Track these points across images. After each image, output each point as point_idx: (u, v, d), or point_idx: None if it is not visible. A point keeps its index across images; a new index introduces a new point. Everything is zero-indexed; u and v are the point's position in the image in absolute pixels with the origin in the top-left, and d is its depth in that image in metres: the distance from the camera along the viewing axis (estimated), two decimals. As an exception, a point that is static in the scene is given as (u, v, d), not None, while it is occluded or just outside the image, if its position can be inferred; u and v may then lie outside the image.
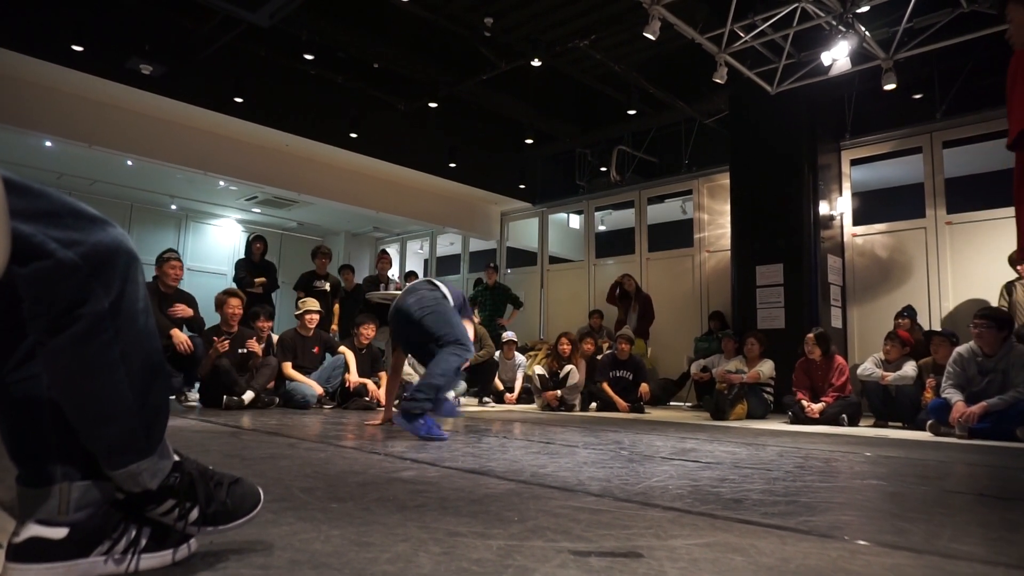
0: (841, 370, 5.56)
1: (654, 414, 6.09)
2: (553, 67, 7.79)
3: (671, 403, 7.87)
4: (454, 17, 6.97)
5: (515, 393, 7.00)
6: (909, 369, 5.22)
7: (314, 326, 5.81)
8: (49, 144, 7.37)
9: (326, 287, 7.33)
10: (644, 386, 6.47)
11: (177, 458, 1.08)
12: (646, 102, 8.42)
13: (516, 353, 7.25)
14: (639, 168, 9.51)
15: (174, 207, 10.18)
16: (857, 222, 7.68)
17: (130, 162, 7.83)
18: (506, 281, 10.38)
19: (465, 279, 11.28)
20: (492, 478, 2.03)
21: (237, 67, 7.34)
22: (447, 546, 1.21)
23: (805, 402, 5.42)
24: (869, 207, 8.31)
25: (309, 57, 7.25)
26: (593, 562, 1.13)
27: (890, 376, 5.26)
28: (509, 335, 7.26)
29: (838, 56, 5.92)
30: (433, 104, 8.56)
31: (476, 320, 7.08)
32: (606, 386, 6.48)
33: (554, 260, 10.74)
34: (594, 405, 6.49)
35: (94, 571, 0.99)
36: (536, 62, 7.24)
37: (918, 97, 7.19)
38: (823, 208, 7.28)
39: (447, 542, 1.24)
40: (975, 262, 6.71)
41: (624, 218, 10.43)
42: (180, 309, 5.06)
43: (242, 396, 4.90)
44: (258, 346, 5.39)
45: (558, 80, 8.62)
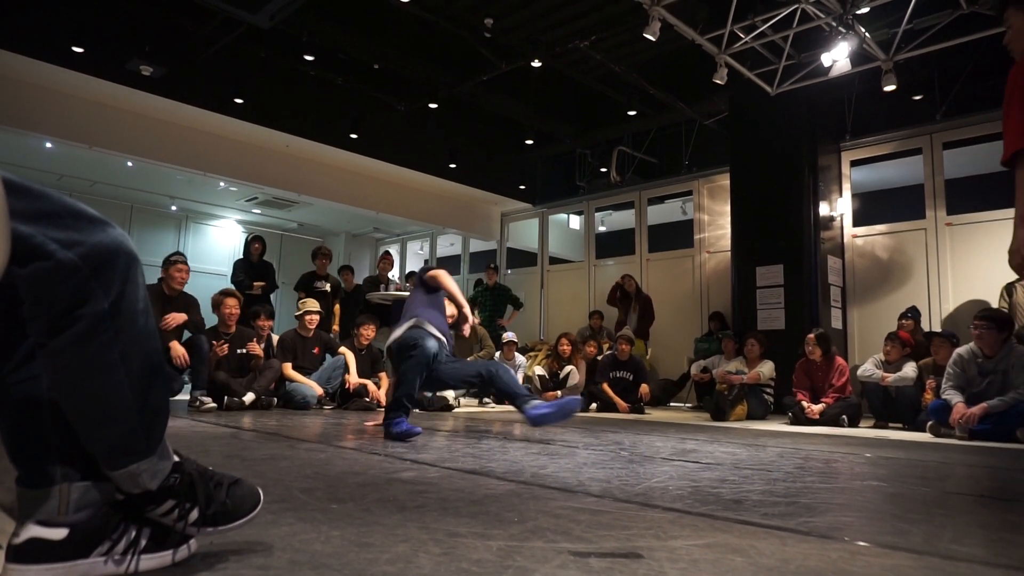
0: (841, 371, 5.55)
1: (654, 415, 6.08)
2: (553, 68, 7.80)
3: (671, 404, 7.86)
4: (454, 18, 6.97)
5: (515, 394, 6.98)
6: (909, 370, 5.21)
7: (314, 327, 5.80)
8: (49, 145, 7.37)
9: (326, 288, 7.32)
10: (644, 387, 6.47)
11: (177, 459, 1.08)
12: (646, 103, 8.43)
13: (516, 354, 7.24)
14: (639, 169, 9.51)
15: (174, 208, 10.19)
16: (857, 223, 7.68)
17: (130, 163, 7.83)
18: (506, 282, 10.38)
19: (465, 280, 11.27)
20: (492, 479, 2.03)
21: (237, 68, 7.34)
22: (447, 547, 1.21)
23: (805, 403, 5.41)
24: (869, 208, 8.31)
25: (309, 58, 7.25)
26: (593, 563, 1.13)
27: (890, 377, 5.26)
28: (509, 336, 7.25)
29: (838, 57, 5.93)
30: (433, 105, 8.57)
31: (476, 320, 7.09)
32: (606, 387, 6.48)
33: (554, 261, 10.74)
34: (594, 406, 6.49)
35: (94, 572, 0.99)
36: (536, 63, 7.25)
37: (918, 98, 7.19)
38: (823, 209, 7.28)
39: (447, 543, 1.24)
40: (975, 263, 6.70)
41: (624, 219, 10.43)
42: (172, 319, 4.85)
43: (243, 398, 4.90)
44: (258, 347, 5.38)
45: (558, 81, 8.62)
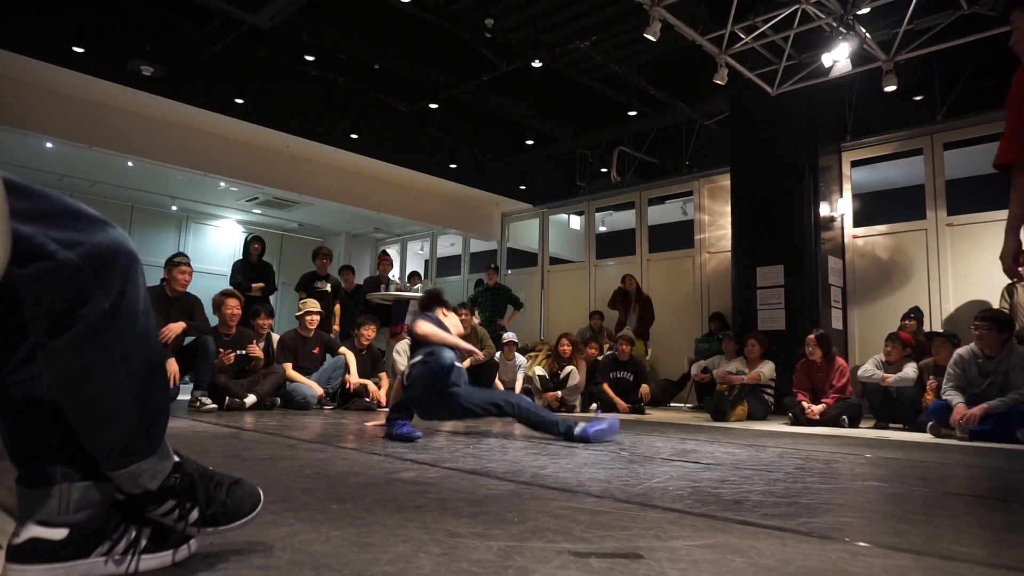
0: (842, 371, 5.55)
1: (654, 415, 6.09)
2: (554, 68, 7.80)
3: (671, 404, 7.86)
4: (455, 18, 6.98)
5: (515, 394, 6.99)
6: (910, 371, 5.21)
7: (315, 327, 5.80)
8: (50, 145, 7.38)
9: (327, 288, 7.32)
10: (644, 387, 6.47)
11: (177, 459, 1.08)
12: (646, 103, 8.43)
13: (516, 354, 7.24)
14: (640, 169, 9.51)
15: (175, 208, 10.19)
16: (858, 223, 7.68)
17: (131, 163, 7.84)
18: (507, 282, 10.37)
19: (466, 280, 11.28)
20: (492, 479, 2.03)
21: (238, 68, 7.35)
22: (447, 547, 1.21)
23: (805, 403, 5.41)
24: (870, 208, 8.31)
25: (310, 58, 7.25)
26: (593, 563, 1.13)
27: (891, 378, 5.25)
28: (509, 336, 7.25)
29: (839, 57, 5.93)
30: (434, 105, 8.57)
31: (476, 321, 7.09)
32: (606, 387, 6.48)
33: (555, 261, 10.74)
34: (594, 406, 6.48)
35: (94, 572, 0.99)
36: (537, 63, 7.25)
37: (919, 99, 7.19)
38: (824, 209, 7.28)
39: (447, 543, 1.24)
40: (976, 264, 6.70)
41: (625, 219, 10.43)
42: (169, 332, 4.69)
43: (244, 399, 4.90)
44: (258, 350, 5.37)
45: (559, 81, 8.62)
